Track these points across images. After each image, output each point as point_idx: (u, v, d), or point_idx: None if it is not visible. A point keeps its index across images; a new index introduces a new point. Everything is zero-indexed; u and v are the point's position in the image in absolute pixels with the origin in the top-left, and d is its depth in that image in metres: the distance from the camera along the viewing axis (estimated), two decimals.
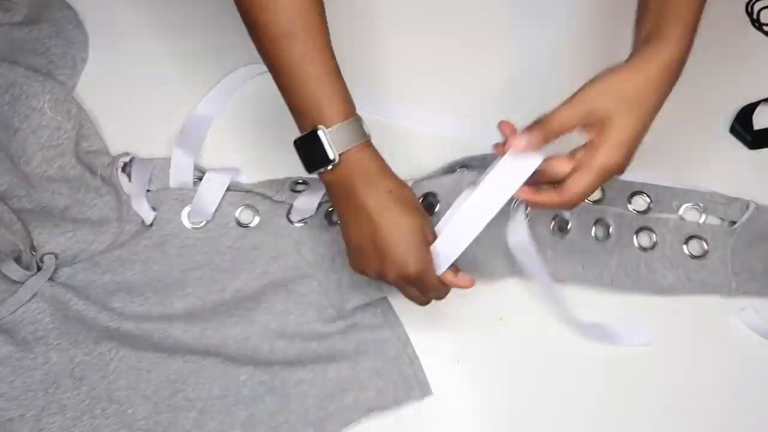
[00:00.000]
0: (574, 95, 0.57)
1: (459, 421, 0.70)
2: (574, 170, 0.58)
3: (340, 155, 0.59)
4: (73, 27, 0.86)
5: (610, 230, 0.76)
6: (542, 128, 0.57)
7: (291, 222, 0.76)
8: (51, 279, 0.73)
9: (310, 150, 0.60)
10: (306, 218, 0.76)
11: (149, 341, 0.71)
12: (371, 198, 0.59)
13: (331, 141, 0.59)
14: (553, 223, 0.75)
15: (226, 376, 0.70)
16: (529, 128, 0.58)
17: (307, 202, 0.75)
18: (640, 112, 0.57)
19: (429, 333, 0.73)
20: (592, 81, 0.58)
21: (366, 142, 0.61)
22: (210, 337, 0.71)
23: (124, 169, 0.78)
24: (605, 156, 0.56)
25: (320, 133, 0.59)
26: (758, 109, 0.82)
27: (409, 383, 0.70)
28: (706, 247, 0.76)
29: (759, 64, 0.86)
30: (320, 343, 0.72)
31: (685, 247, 0.76)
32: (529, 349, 0.72)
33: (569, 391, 0.71)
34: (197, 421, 0.69)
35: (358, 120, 0.61)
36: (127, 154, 0.78)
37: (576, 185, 0.58)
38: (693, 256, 0.76)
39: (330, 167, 0.59)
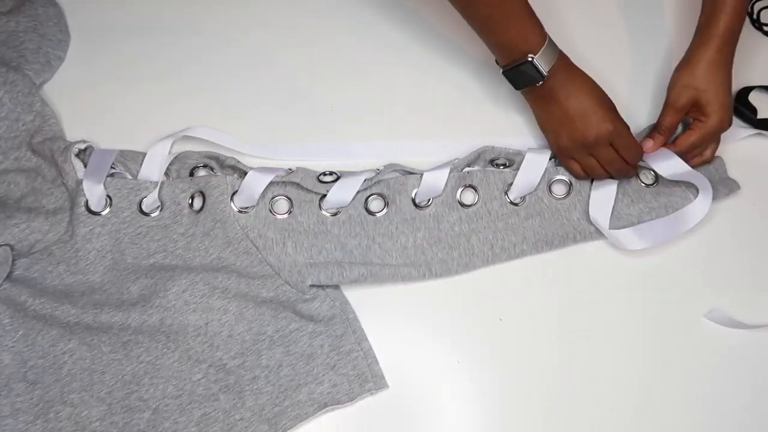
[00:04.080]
0: (667, 102, 0.76)
1: (459, 421, 0.69)
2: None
3: (548, 71, 0.72)
4: (53, 24, 0.85)
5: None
6: (661, 133, 0.77)
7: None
8: (8, 274, 0.71)
9: (520, 75, 0.73)
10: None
11: (108, 334, 0.69)
12: (573, 101, 0.73)
13: (541, 64, 0.71)
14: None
15: (180, 376, 0.68)
16: (651, 135, 0.77)
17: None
18: (717, 83, 0.74)
19: (429, 333, 0.72)
20: (672, 84, 0.76)
21: (561, 56, 0.73)
22: (170, 326, 0.70)
23: (80, 157, 0.76)
24: (713, 122, 0.75)
25: (533, 60, 0.71)
26: (754, 94, 0.83)
27: (363, 376, 0.69)
28: (653, 174, 0.78)
29: (759, 64, 0.86)
30: (276, 331, 0.70)
31: (638, 179, 0.78)
32: (529, 349, 0.72)
33: (569, 391, 0.70)
34: (152, 421, 0.67)
35: (551, 40, 0.73)
36: (84, 141, 0.77)
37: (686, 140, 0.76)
38: (647, 185, 0.78)
39: (539, 83, 0.73)
